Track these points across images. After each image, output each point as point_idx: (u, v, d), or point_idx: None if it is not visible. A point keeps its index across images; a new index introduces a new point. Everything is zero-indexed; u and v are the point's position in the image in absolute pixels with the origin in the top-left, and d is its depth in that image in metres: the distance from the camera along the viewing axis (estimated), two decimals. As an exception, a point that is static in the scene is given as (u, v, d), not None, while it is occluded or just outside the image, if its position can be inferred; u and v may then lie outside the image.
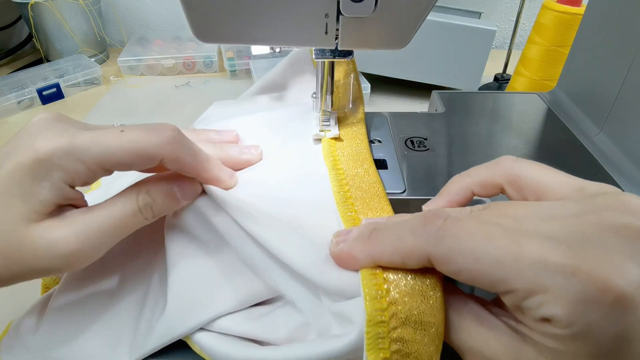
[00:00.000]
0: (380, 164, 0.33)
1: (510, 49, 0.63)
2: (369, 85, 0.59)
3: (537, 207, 0.19)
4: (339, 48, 0.27)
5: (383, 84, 0.65)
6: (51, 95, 0.64)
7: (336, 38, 0.27)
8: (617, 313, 0.15)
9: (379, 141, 0.36)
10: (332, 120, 0.34)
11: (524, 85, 0.58)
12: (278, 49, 0.34)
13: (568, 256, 0.16)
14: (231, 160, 0.29)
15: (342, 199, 0.26)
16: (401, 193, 0.30)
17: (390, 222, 0.21)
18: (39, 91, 0.62)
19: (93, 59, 0.74)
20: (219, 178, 0.26)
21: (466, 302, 0.20)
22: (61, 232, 0.21)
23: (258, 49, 0.48)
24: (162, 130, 0.22)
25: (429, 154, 0.35)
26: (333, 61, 0.31)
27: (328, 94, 0.33)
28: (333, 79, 0.32)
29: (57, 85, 0.64)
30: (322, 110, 0.34)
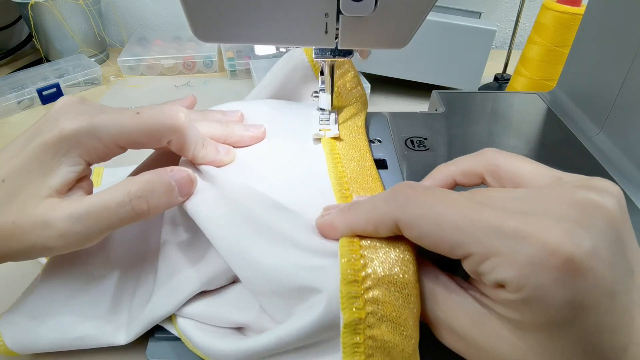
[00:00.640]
0: (380, 164, 0.33)
1: (510, 49, 0.63)
2: (369, 85, 0.59)
3: (511, 191, 0.19)
4: (339, 47, 0.27)
5: (383, 84, 0.65)
6: (51, 95, 0.64)
7: (336, 38, 0.27)
8: (566, 277, 0.15)
9: (379, 141, 0.36)
10: (332, 119, 0.34)
11: (524, 85, 0.58)
12: (283, 49, 0.34)
13: (522, 222, 0.16)
14: (235, 136, 0.30)
15: (343, 198, 0.26)
16: (401, 193, 0.30)
17: (370, 196, 0.22)
18: (39, 91, 0.62)
19: (93, 59, 0.74)
20: (215, 161, 0.28)
21: (437, 275, 0.20)
22: (59, 212, 0.22)
23: (262, 49, 0.48)
24: (173, 113, 0.25)
25: (429, 154, 0.35)
26: (334, 61, 0.31)
27: (328, 94, 0.33)
28: (333, 79, 0.32)
29: (57, 85, 0.64)
30: (322, 109, 0.34)
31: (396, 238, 0.20)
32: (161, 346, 0.27)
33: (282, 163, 0.30)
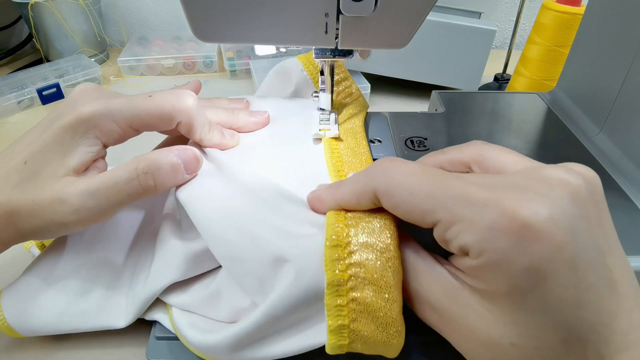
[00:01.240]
0: (380, 164, 0.33)
1: (510, 49, 0.63)
2: (369, 85, 0.59)
3: (488, 175, 0.20)
4: (339, 47, 0.27)
5: (383, 84, 0.65)
6: (51, 95, 0.64)
7: (336, 37, 0.27)
8: (524, 243, 0.16)
9: (379, 141, 0.36)
10: (332, 119, 0.34)
11: (524, 85, 0.58)
12: (284, 49, 0.35)
13: (488, 192, 0.17)
14: (240, 122, 0.32)
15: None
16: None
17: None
18: (39, 91, 0.62)
19: (93, 59, 0.74)
20: (221, 144, 0.29)
21: (417, 250, 0.21)
22: (73, 189, 0.23)
23: (262, 49, 0.48)
24: (183, 96, 0.27)
25: (429, 154, 0.35)
26: (334, 61, 0.31)
27: (328, 94, 0.33)
28: (333, 79, 0.32)
29: (57, 85, 0.64)
30: (322, 109, 0.34)
31: (378, 210, 0.22)
32: (161, 346, 0.27)
33: (283, 164, 0.30)
